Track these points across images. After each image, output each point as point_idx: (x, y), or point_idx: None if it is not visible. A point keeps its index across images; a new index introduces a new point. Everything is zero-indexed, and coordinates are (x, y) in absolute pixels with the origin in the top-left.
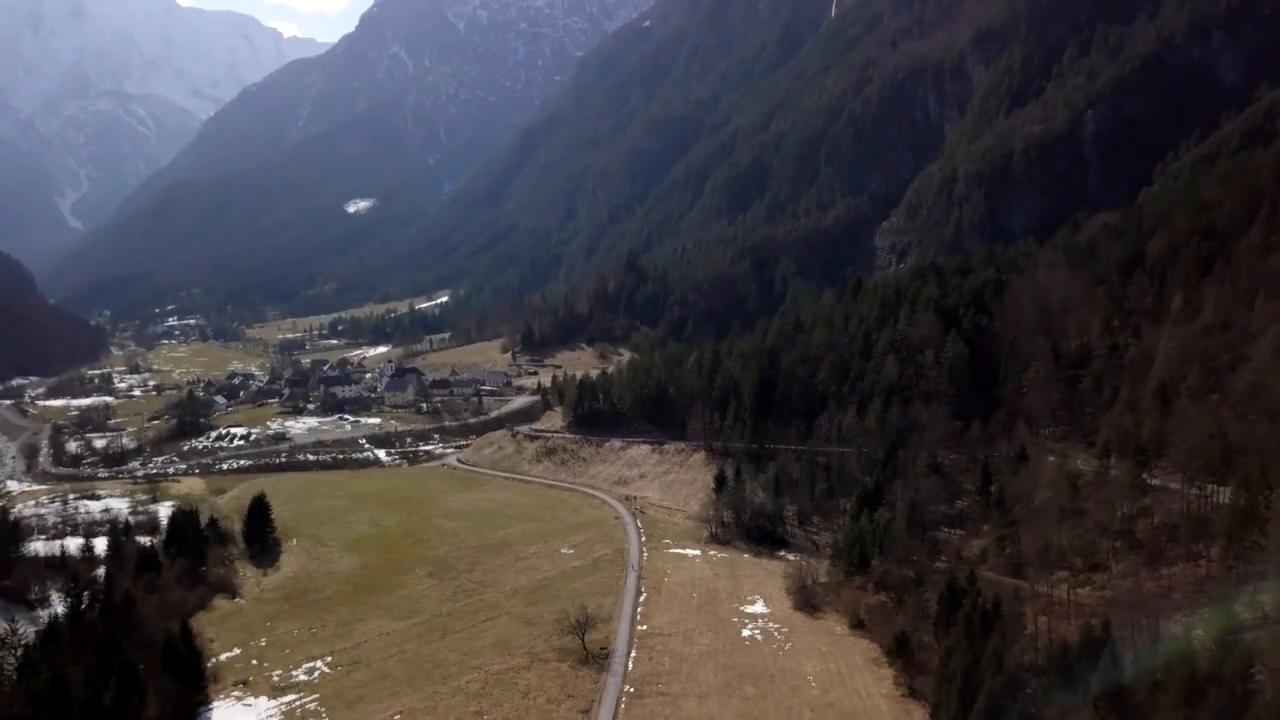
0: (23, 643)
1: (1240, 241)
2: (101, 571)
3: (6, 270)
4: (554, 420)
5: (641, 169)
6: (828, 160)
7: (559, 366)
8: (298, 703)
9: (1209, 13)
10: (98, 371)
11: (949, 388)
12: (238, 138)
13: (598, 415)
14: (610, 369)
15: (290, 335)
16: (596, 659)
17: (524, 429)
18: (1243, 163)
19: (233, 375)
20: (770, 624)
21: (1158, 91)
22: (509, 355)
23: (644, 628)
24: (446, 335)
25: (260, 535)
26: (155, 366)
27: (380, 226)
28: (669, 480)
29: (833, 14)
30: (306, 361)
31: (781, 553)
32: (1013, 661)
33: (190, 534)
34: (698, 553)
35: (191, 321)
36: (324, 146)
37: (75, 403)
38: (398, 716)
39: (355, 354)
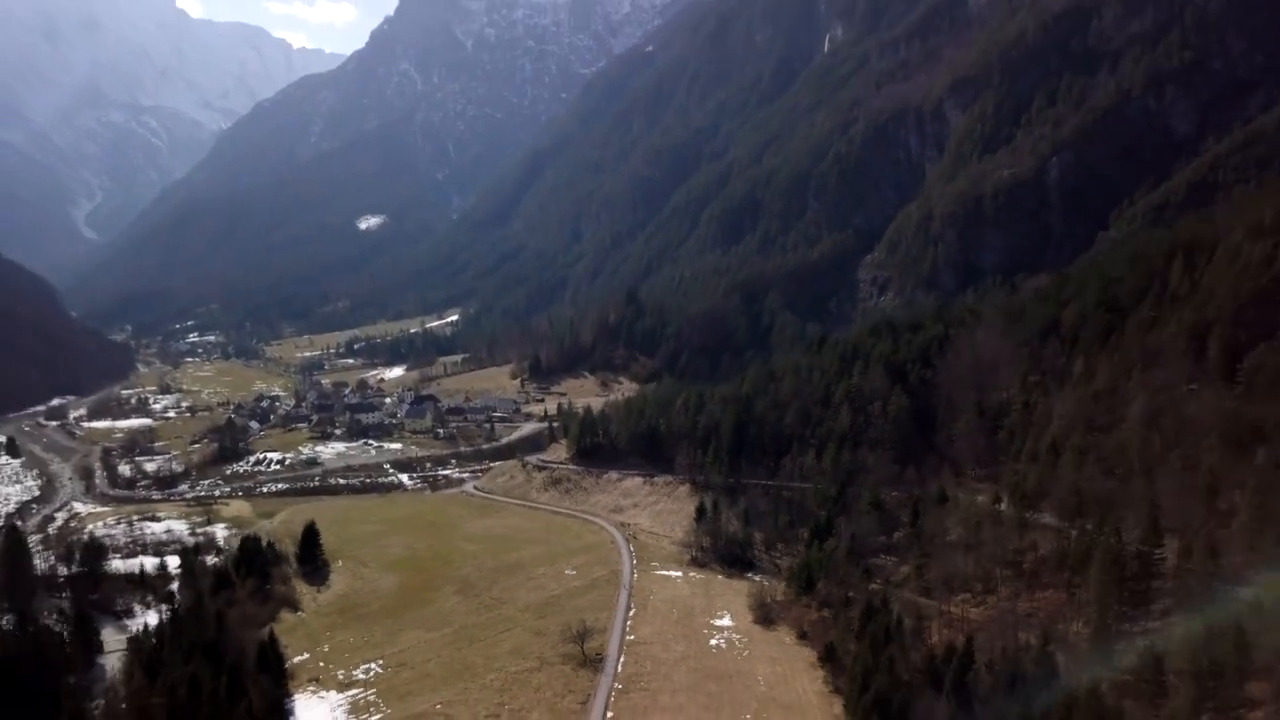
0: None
1: (1131, 316)
2: (175, 586)
3: (34, 287)
4: (559, 452)
5: (643, 196)
6: (815, 196)
7: (564, 394)
8: (360, 696)
9: (1163, 67)
10: (132, 392)
11: (893, 434)
12: (251, 153)
13: (597, 449)
14: (612, 397)
15: (309, 354)
16: (593, 663)
17: (533, 459)
18: (1146, 240)
19: (260, 398)
20: (734, 635)
21: (1116, 140)
22: (518, 381)
23: (631, 638)
24: (459, 359)
25: (311, 557)
26: (185, 386)
27: (391, 243)
28: (658, 509)
29: (825, 48)
30: (327, 383)
31: (749, 575)
32: (905, 666)
33: (257, 557)
34: (679, 574)
35: (212, 338)
36: (336, 163)
37: (118, 425)
38: (439, 706)
39: (372, 374)
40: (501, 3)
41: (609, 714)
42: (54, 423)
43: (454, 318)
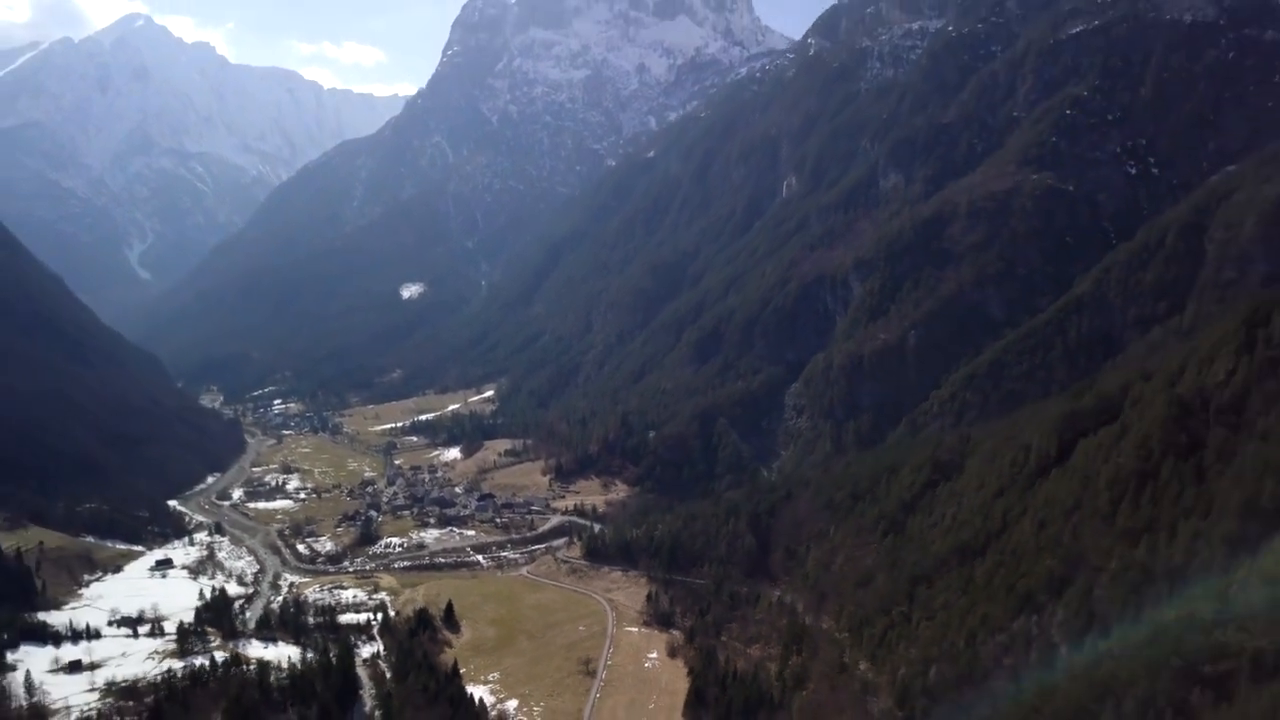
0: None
1: (860, 503)
2: (376, 632)
3: (154, 368)
4: (575, 549)
5: (641, 303)
6: (760, 335)
7: (578, 493)
8: (492, 687)
9: (986, 270)
10: (263, 469)
11: (745, 558)
12: (300, 217)
13: (596, 551)
14: (610, 496)
15: (377, 427)
16: (591, 673)
17: (561, 553)
18: (911, 441)
19: (365, 483)
20: (656, 661)
21: (954, 321)
22: (546, 479)
23: (610, 661)
24: (503, 451)
25: (450, 618)
26: (301, 466)
27: (431, 312)
28: (629, 591)
29: (783, 193)
30: (405, 466)
31: (671, 630)
32: (715, 678)
33: (427, 618)
34: (636, 629)
35: (291, 406)
36: (379, 232)
37: (272, 506)
38: (526, 691)
39: (435, 455)
40: (522, 80)
41: (597, 695)
42: (225, 503)
43: (490, 393)
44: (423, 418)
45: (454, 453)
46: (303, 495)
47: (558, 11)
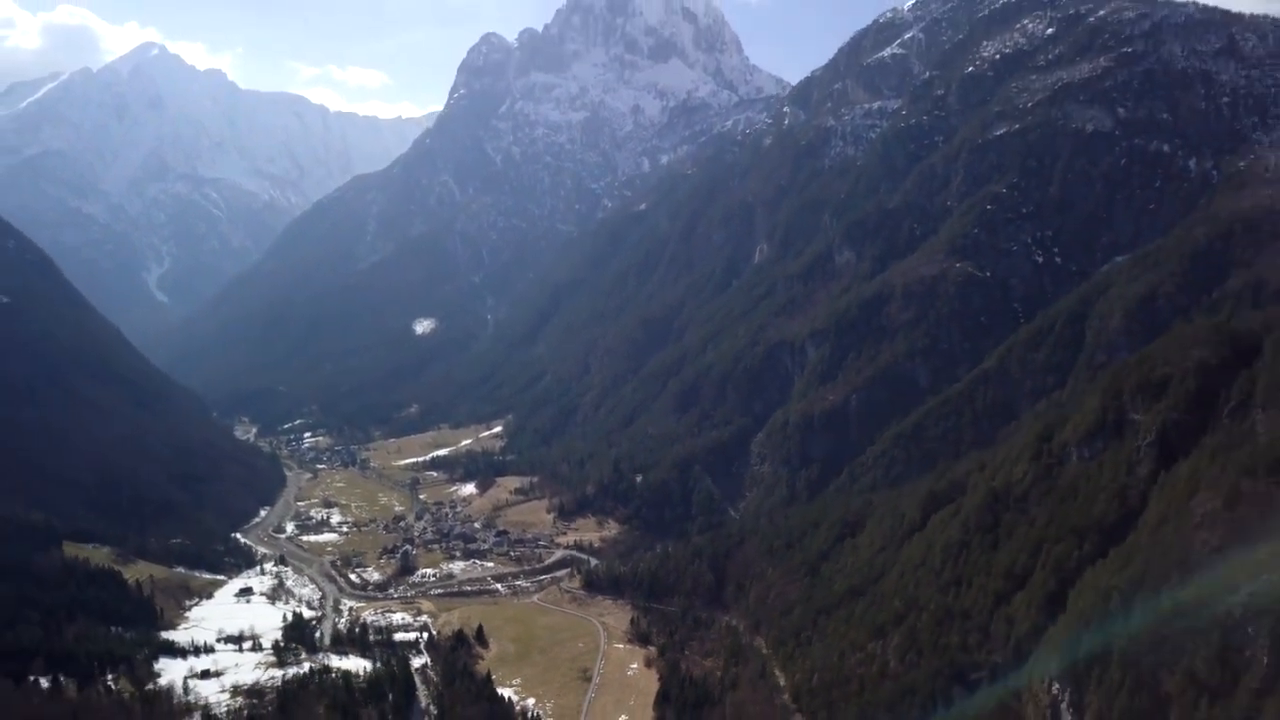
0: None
1: (790, 550)
2: (423, 647)
3: (197, 406)
4: (576, 580)
5: (633, 351)
6: (732, 389)
7: (578, 530)
8: (518, 689)
9: (915, 345)
10: (307, 504)
11: (705, 593)
12: (316, 251)
13: (592, 582)
14: (604, 533)
15: (399, 462)
16: (588, 679)
17: (563, 584)
18: (834, 500)
19: (397, 518)
20: (636, 670)
21: (888, 388)
22: (551, 516)
23: (601, 671)
24: (514, 489)
25: (480, 637)
26: (339, 500)
27: (442, 348)
28: (617, 615)
29: (756, 258)
30: (430, 501)
31: (649, 647)
32: (676, 683)
33: (463, 636)
34: (623, 645)
35: (321, 440)
36: (392, 268)
37: (321, 539)
38: (540, 690)
39: (453, 490)
40: (525, 122)
41: (592, 695)
42: (281, 536)
43: (499, 428)
44: (440, 453)
45: (470, 488)
46: (345, 529)
47: (557, 55)
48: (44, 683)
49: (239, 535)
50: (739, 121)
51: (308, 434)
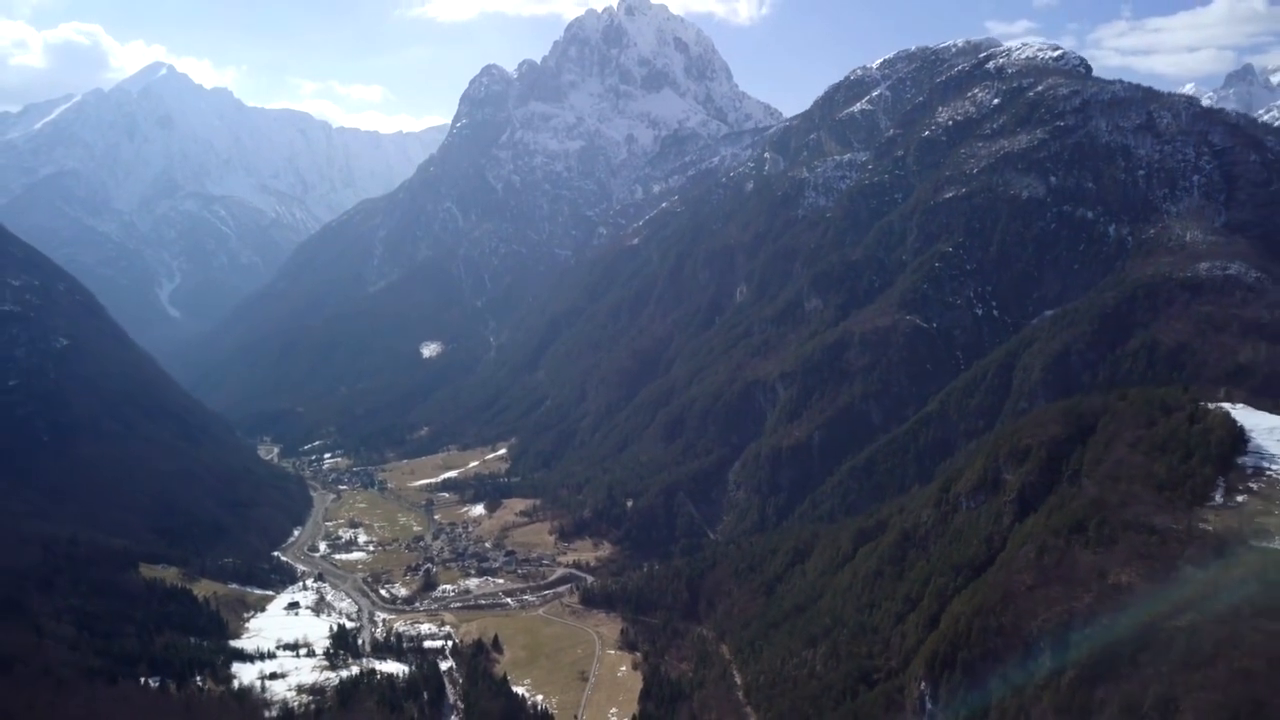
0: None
1: (753, 573)
2: (448, 652)
3: (228, 432)
4: (574, 597)
5: (625, 381)
6: (713, 422)
7: (577, 550)
8: (529, 688)
9: (870, 388)
10: (335, 524)
11: (682, 609)
12: (326, 274)
13: (589, 598)
14: (598, 553)
15: (414, 483)
16: (585, 680)
17: (564, 599)
18: (790, 529)
19: (417, 538)
20: (625, 672)
21: (846, 426)
22: (552, 538)
23: (597, 673)
24: (520, 511)
25: (496, 645)
26: (363, 520)
27: (449, 371)
28: (610, 627)
29: (736, 299)
30: (445, 522)
31: (636, 653)
32: (658, 683)
33: (482, 645)
34: (614, 652)
35: (340, 461)
36: (399, 292)
37: (351, 557)
38: (548, 688)
39: (464, 511)
40: (524, 151)
41: (589, 692)
42: (316, 554)
43: (504, 451)
44: (450, 474)
45: (479, 509)
46: (371, 548)
47: (555, 86)
48: (153, 683)
49: (279, 554)
50: (725, 158)
51: (327, 455)
